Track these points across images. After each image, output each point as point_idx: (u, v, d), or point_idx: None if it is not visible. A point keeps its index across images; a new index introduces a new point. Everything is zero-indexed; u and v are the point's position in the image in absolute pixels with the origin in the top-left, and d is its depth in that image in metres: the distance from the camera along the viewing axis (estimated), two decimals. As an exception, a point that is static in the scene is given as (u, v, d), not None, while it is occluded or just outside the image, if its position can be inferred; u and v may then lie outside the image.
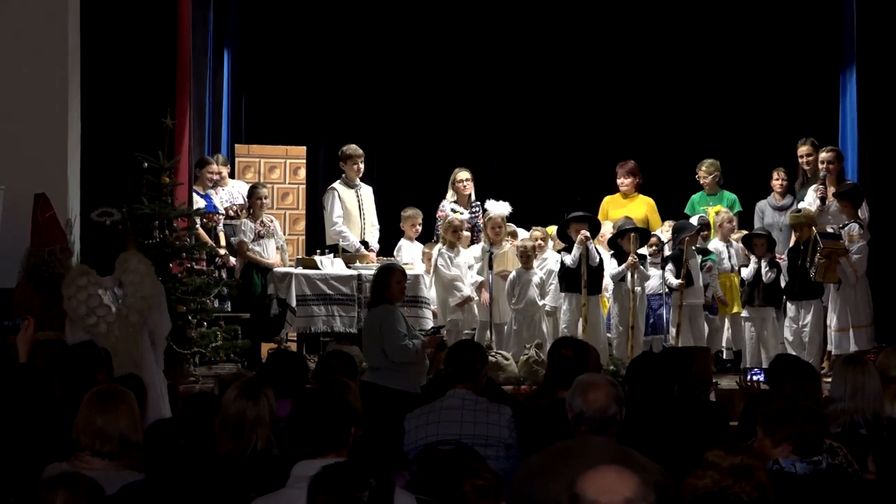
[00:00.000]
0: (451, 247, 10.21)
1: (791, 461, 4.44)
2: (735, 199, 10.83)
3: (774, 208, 10.61)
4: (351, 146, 10.75)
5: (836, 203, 9.94)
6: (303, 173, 12.03)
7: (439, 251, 10.19)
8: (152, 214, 9.05)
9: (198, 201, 10.25)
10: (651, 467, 4.07)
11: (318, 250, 10.44)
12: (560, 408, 5.26)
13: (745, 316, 10.17)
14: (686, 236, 10.00)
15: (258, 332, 10.03)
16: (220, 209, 10.69)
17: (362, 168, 10.72)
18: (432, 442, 5.28)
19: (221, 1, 12.21)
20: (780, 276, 10.04)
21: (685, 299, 9.89)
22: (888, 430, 5.31)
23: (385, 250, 10.91)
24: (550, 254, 10.32)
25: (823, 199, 10.06)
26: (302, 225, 11.92)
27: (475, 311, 10.22)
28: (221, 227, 10.63)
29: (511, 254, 10.29)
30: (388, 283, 7.79)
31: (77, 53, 9.23)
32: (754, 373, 9.76)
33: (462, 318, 10.15)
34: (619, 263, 9.92)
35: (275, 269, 10.10)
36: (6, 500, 4.48)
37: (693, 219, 10.41)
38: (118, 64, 9.80)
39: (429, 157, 13.12)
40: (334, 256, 10.21)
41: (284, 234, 11.21)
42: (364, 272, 9.90)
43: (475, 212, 10.81)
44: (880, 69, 11.03)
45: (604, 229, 10.33)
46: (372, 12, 12.93)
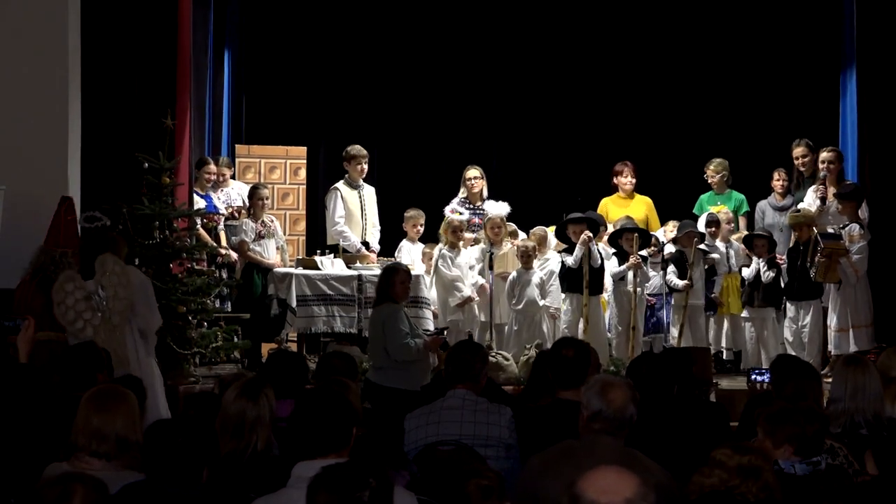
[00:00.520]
0: (452, 247, 10.21)
1: (790, 462, 4.44)
2: (743, 200, 10.82)
3: (775, 209, 10.60)
4: (355, 147, 10.73)
5: (837, 203, 9.93)
6: (303, 174, 12.02)
7: (440, 252, 10.18)
8: (153, 215, 9.05)
9: (198, 202, 10.25)
10: (656, 471, 4.07)
11: (318, 251, 10.44)
12: (560, 408, 5.28)
13: (746, 316, 10.16)
14: (686, 234, 10.00)
15: (258, 333, 10.03)
16: (221, 209, 10.70)
17: (366, 169, 10.71)
18: (432, 442, 5.28)
19: (221, 1, 12.21)
20: (780, 276, 10.04)
21: (688, 299, 9.89)
22: (888, 430, 5.32)
23: (386, 251, 10.91)
24: (552, 254, 10.32)
25: (824, 199, 10.05)
26: (302, 225, 11.91)
27: (475, 312, 10.22)
28: (222, 227, 10.64)
29: (511, 254, 10.28)
30: (392, 283, 7.85)
31: (77, 53, 9.23)
32: (758, 373, 9.79)
33: (462, 318, 10.15)
34: (620, 263, 9.94)
35: (275, 270, 10.10)
36: (6, 500, 4.48)
37: (701, 217, 10.42)
38: (118, 64, 9.80)
39: (429, 158, 13.12)
40: (335, 257, 10.21)
41: (285, 234, 11.21)
42: (364, 273, 9.90)
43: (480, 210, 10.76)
44: (880, 69, 11.02)
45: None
46: (372, 12, 12.93)
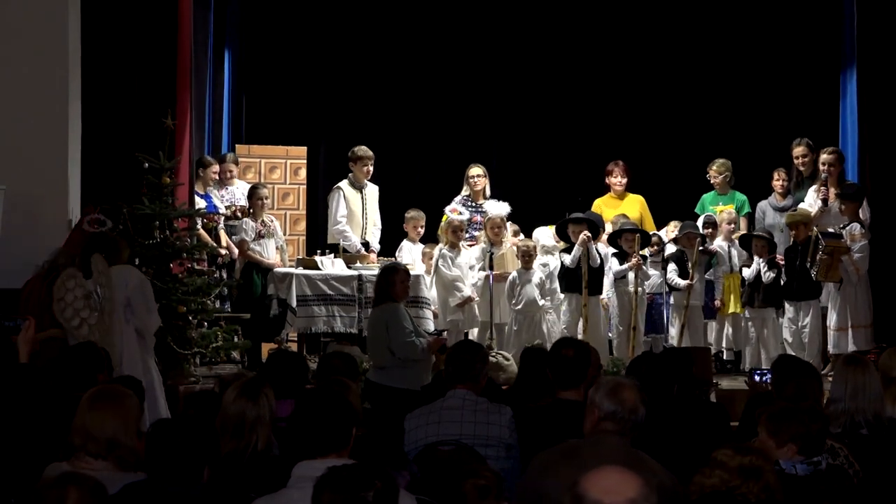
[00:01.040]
0: (452, 247, 10.21)
1: (791, 462, 4.43)
2: (745, 200, 10.81)
3: (775, 209, 10.58)
4: (362, 148, 10.69)
5: (839, 204, 9.93)
6: (303, 173, 12.02)
7: (440, 251, 10.18)
8: (153, 214, 9.05)
9: (198, 202, 10.25)
10: (661, 472, 4.07)
11: (318, 250, 10.44)
12: (560, 408, 5.28)
13: (746, 316, 10.16)
14: (686, 235, 10.01)
15: (258, 333, 10.03)
16: (221, 209, 10.70)
17: (371, 170, 10.67)
18: (432, 442, 5.28)
19: (222, 1, 12.21)
20: (780, 276, 10.03)
21: (690, 299, 9.89)
22: (888, 430, 5.31)
23: (386, 251, 10.90)
24: (548, 258, 10.32)
25: (826, 200, 10.04)
26: (302, 225, 11.91)
27: (475, 312, 10.22)
28: (222, 226, 10.64)
29: (510, 256, 10.27)
30: (392, 282, 7.84)
31: (77, 53, 9.23)
32: (760, 373, 9.79)
33: (462, 318, 10.15)
34: (620, 262, 9.94)
35: (275, 270, 10.10)
36: (6, 500, 4.47)
37: (700, 218, 10.42)
38: (118, 64, 9.81)
39: (429, 157, 13.12)
40: (335, 257, 10.21)
41: (285, 234, 11.21)
42: (364, 272, 9.90)
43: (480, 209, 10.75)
44: (880, 69, 11.02)
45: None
46: (372, 12, 12.93)
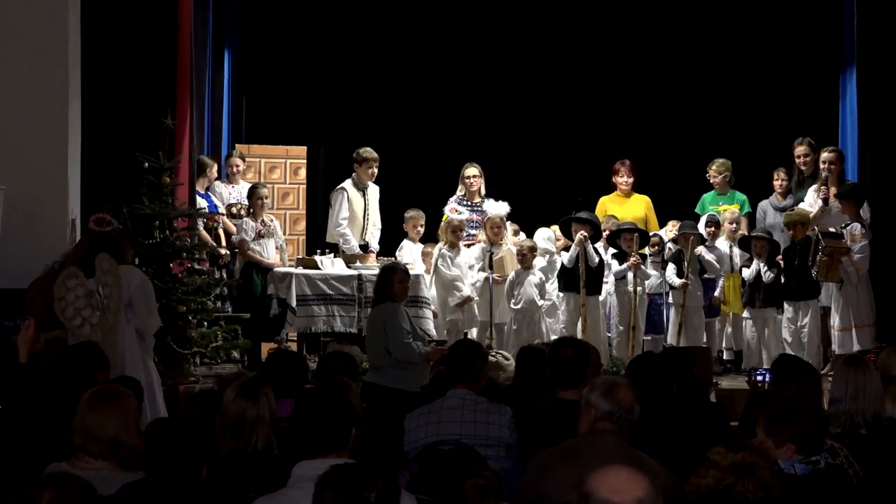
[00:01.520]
0: (452, 247, 10.21)
1: (790, 462, 4.43)
2: (745, 200, 10.81)
3: (776, 209, 10.58)
4: (367, 149, 10.65)
5: (839, 203, 9.92)
6: (303, 173, 12.02)
7: (440, 251, 10.18)
8: (153, 214, 9.06)
9: (198, 201, 10.26)
10: (660, 471, 4.07)
11: (318, 250, 10.44)
12: (560, 408, 5.27)
13: (746, 316, 10.16)
14: (687, 234, 10.02)
15: (258, 332, 10.04)
16: (221, 208, 10.72)
17: (376, 172, 10.61)
18: (432, 442, 5.28)
19: (221, 0, 12.21)
20: (780, 276, 10.02)
21: (687, 299, 9.89)
22: (888, 430, 5.31)
23: (386, 251, 10.89)
24: (556, 256, 10.34)
25: (826, 200, 10.04)
26: (302, 225, 11.91)
27: (475, 311, 10.22)
28: (222, 226, 10.65)
29: (508, 257, 10.26)
30: (391, 282, 7.81)
31: (77, 53, 9.23)
32: (760, 373, 9.79)
33: (462, 318, 10.15)
34: (620, 262, 9.95)
35: (275, 269, 10.10)
36: (6, 500, 4.48)
37: (702, 217, 10.42)
38: (118, 64, 9.80)
39: (429, 157, 13.12)
40: (335, 256, 10.21)
41: (285, 234, 11.22)
42: (364, 272, 9.90)
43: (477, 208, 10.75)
44: (880, 69, 11.02)
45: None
46: (372, 12, 12.93)
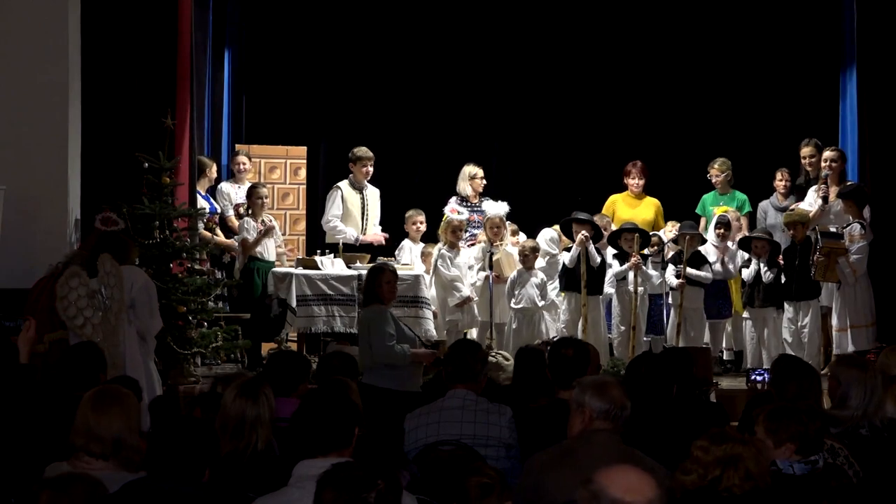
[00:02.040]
0: (451, 247, 10.21)
1: (789, 462, 4.42)
2: (746, 200, 10.81)
3: (777, 209, 10.58)
4: (361, 148, 10.69)
5: (841, 203, 9.92)
6: (303, 173, 12.02)
7: (439, 251, 10.18)
8: (153, 214, 9.07)
9: (199, 202, 10.26)
10: (658, 470, 4.07)
11: (318, 251, 10.44)
12: (559, 408, 5.27)
13: (746, 316, 10.16)
14: (681, 236, 10.03)
15: (258, 333, 10.04)
16: (230, 209, 10.73)
17: (371, 171, 10.66)
18: (432, 442, 5.28)
19: (222, 1, 12.21)
20: (780, 276, 10.02)
21: (685, 300, 9.89)
22: (888, 430, 5.31)
23: (387, 251, 10.88)
24: (559, 257, 10.34)
25: (826, 198, 10.03)
26: (302, 225, 11.91)
27: (475, 312, 10.22)
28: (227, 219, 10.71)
29: (508, 258, 10.26)
30: (379, 283, 7.81)
31: (77, 53, 9.23)
32: (759, 373, 9.80)
33: (462, 318, 10.15)
34: (621, 263, 9.95)
35: (275, 270, 10.11)
36: (6, 500, 4.48)
37: (713, 219, 10.42)
38: (118, 64, 9.80)
39: (429, 157, 13.12)
40: (335, 256, 10.21)
41: (284, 234, 11.22)
42: (364, 272, 9.87)
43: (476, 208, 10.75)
44: (880, 69, 11.01)
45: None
46: (372, 12, 12.93)
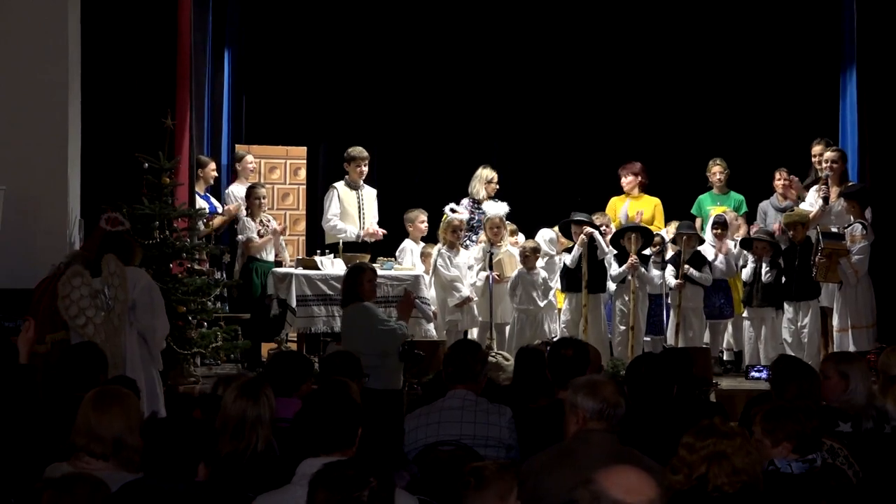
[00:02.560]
0: (451, 247, 10.21)
1: (787, 461, 4.42)
2: (742, 200, 10.82)
3: (777, 209, 10.58)
4: (356, 148, 10.72)
5: (841, 203, 9.92)
6: (303, 174, 12.02)
7: (439, 251, 10.18)
8: (153, 215, 9.07)
9: (198, 202, 10.26)
10: (655, 469, 4.07)
11: (318, 251, 10.45)
12: (559, 408, 5.26)
13: (745, 316, 10.16)
14: (678, 236, 10.03)
15: (258, 333, 10.04)
16: (235, 207, 10.77)
17: (366, 171, 10.69)
18: (432, 442, 5.27)
19: (221, 1, 12.20)
20: (780, 276, 10.01)
21: (684, 300, 9.89)
22: (889, 430, 5.32)
23: (386, 251, 10.87)
24: (557, 258, 10.35)
25: (826, 199, 10.03)
26: (302, 225, 11.91)
27: (475, 312, 10.22)
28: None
29: (508, 258, 10.26)
30: (360, 282, 7.86)
31: (77, 54, 9.22)
32: (757, 369, 9.81)
33: (461, 318, 10.15)
34: (621, 264, 9.95)
35: (275, 270, 10.11)
36: (6, 500, 4.48)
37: (709, 219, 10.43)
38: (118, 64, 9.81)
39: (429, 158, 13.12)
40: (334, 257, 10.21)
41: (284, 234, 11.21)
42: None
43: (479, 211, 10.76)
44: (880, 69, 11.02)
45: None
46: (372, 12, 12.93)
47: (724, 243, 10.26)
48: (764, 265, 9.93)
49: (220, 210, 10.75)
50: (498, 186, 10.78)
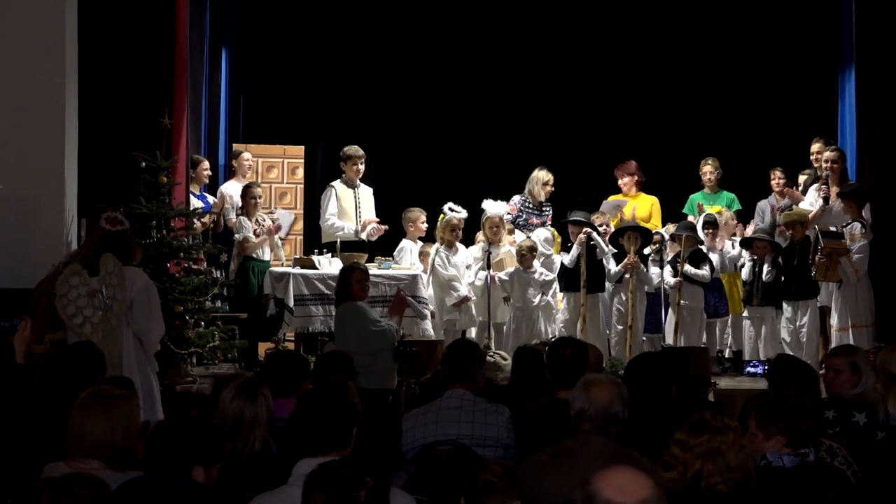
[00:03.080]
0: (449, 246, 10.20)
1: (779, 455, 4.41)
2: (734, 199, 10.83)
3: (777, 209, 10.58)
4: (352, 147, 10.73)
5: (841, 202, 9.91)
6: (301, 173, 12.02)
7: (437, 251, 10.17)
8: (150, 214, 9.05)
9: (193, 202, 10.26)
10: (654, 470, 4.06)
11: (315, 250, 10.44)
12: (559, 408, 5.26)
13: (745, 315, 10.15)
14: (682, 234, 10.02)
15: (255, 332, 10.03)
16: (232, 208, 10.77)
17: (362, 169, 10.70)
18: (430, 442, 5.26)
19: (218, 0, 12.19)
20: (780, 276, 10.00)
21: (683, 299, 9.89)
22: (889, 429, 5.32)
23: (384, 250, 10.86)
24: (555, 257, 10.34)
25: (827, 198, 10.02)
26: (300, 225, 11.90)
27: (473, 311, 10.21)
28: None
29: (507, 257, 10.25)
30: (350, 282, 7.91)
31: (74, 53, 9.20)
32: (753, 364, 9.82)
33: (459, 317, 10.14)
34: (618, 263, 9.94)
35: (272, 269, 10.10)
36: (4, 501, 4.47)
37: (700, 217, 10.43)
38: (115, 63, 9.79)
39: (427, 157, 13.12)
40: (332, 256, 10.20)
41: (278, 232, 11.19)
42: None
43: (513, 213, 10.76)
44: (879, 69, 11.02)
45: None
46: (370, 11, 12.92)
47: (715, 242, 10.27)
48: (765, 264, 9.92)
49: (214, 210, 10.76)
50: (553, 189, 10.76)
